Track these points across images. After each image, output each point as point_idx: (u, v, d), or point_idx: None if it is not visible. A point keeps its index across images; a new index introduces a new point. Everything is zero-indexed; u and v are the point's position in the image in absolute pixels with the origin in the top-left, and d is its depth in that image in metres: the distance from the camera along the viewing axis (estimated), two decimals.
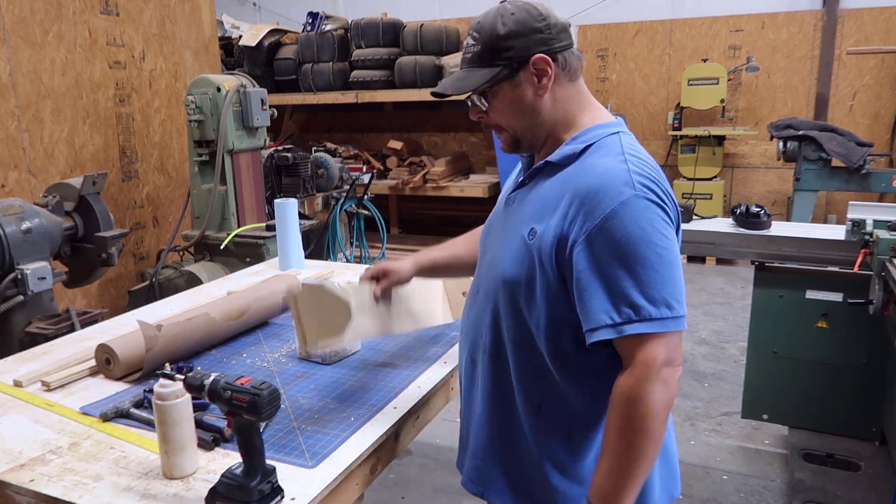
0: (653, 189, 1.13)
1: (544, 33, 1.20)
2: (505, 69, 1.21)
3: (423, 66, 6.13)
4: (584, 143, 1.22)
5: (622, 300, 1.10)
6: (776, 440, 3.30)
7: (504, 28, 1.20)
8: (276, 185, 4.30)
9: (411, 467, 3.14)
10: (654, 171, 1.17)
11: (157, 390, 1.23)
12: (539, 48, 1.20)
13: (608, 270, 1.11)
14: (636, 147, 1.22)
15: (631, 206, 1.11)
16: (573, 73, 1.25)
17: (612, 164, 1.16)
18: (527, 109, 1.24)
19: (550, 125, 1.26)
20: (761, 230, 3.04)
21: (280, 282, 2.21)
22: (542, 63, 1.20)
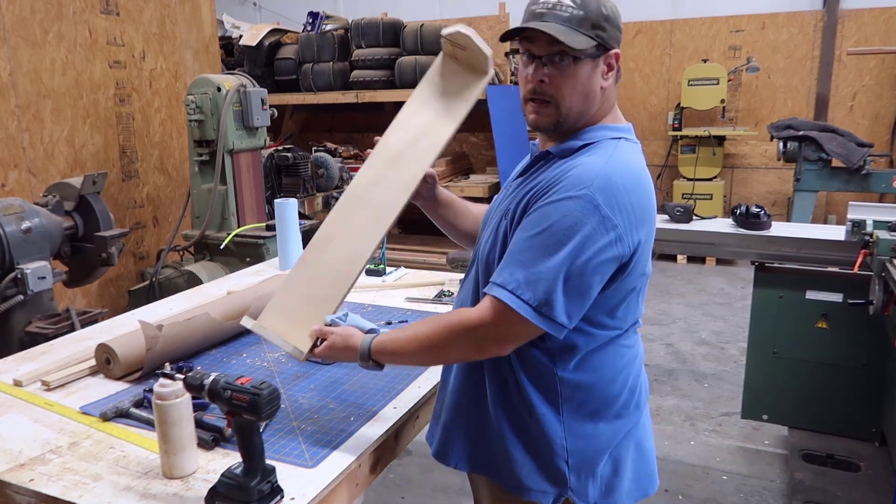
0: (608, 197, 1.16)
1: (621, 34, 1.29)
2: (598, 46, 1.24)
3: (423, 66, 6.13)
4: (585, 140, 1.27)
5: (509, 267, 1.19)
6: (776, 440, 3.30)
7: (606, 10, 1.24)
8: (276, 185, 4.30)
9: (411, 467, 3.14)
10: (628, 182, 1.19)
11: (157, 390, 1.23)
12: (617, 45, 1.28)
13: (520, 241, 1.20)
14: (628, 157, 1.25)
15: (574, 201, 1.16)
16: (619, 77, 1.34)
17: (593, 163, 1.21)
18: (587, 92, 1.27)
19: (591, 113, 1.30)
20: (761, 230, 3.04)
21: (280, 282, 2.21)
22: (615, 59, 1.28)
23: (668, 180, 7.14)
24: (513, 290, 1.17)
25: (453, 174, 6.78)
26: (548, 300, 1.15)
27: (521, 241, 1.20)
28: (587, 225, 1.14)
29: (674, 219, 3.22)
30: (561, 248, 1.15)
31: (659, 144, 7.39)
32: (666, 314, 5.22)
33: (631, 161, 1.24)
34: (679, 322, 5.06)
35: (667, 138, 7.14)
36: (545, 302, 1.16)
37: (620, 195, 1.17)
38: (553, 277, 1.15)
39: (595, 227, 1.15)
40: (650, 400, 1.54)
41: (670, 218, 3.23)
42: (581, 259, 1.15)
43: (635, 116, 7.43)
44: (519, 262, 1.18)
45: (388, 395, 1.59)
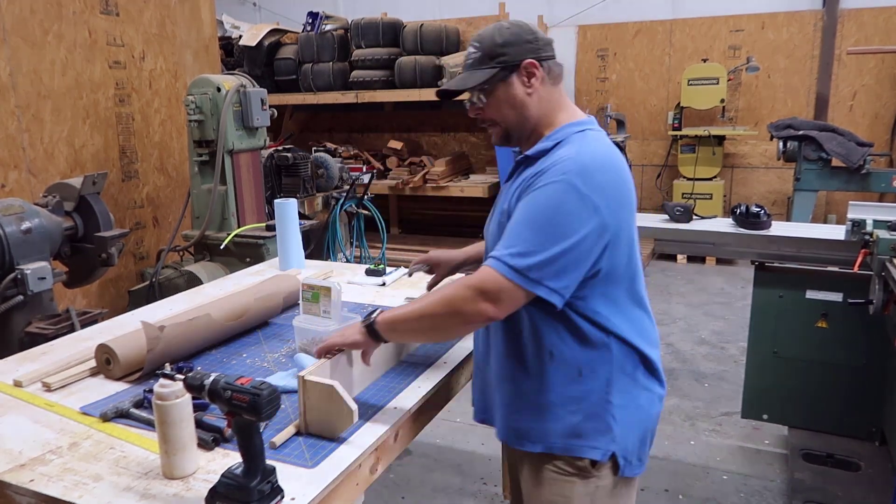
0: (584, 178, 1.32)
1: (533, 44, 1.46)
2: (501, 70, 1.45)
3: (423, 66, 6.13)
4: (556, 140, 1.44)
5: (503, 243, 1.35)
6: (776, 440, 3.30)
7: (501, 38, 1.45)
8: (276, 185, 4.30)
9: (411, 467, 3.14)
10: (599, 164, 1.36)
11: (157, 390, 1.23)
12: (529, 55, 1.45)
13: (513, 224, 1.36)
14: (596, 143, 1.42)
15: (556, 185, 1.33)
16: (555, 78, 1.50)
17: (567, 154, 1.38)
18: (517, 105, 1.47)
19: (535, 120, 1.49)
20: (761, 230, 3.04)
21: (280, 282, 2.22)
22: (531, 66, 1.45)
23: (668, 180, 7.14)
24: (506, 261, 1.31)
25: (453, 174, 6.78)
26: (538, 268, 1.30)
27: (513, 224, 1.36)
28: (568, 203, 1.32)
29: (674, 218, 3.22)
30: (548, 225, 1.32)
31: (659, 144, 7.39)
32: (666, 314, 5.22)
33: (599, 146, 1.41)
34: (679, 322, 5.06)
35: (667, 138, 7.14)
36: (536, 269, 1.30)
37: (594, 175, 1.34)
38: (542, 248, 1.30)
39: (575, 203, 1.31)
40: None
41: (670, 218, 3.23)
42: (567, 232, 1.31)
43: (635, 116, 7.43)
44: (512, 238, 1.34)
45: (389, 394, 1.59)
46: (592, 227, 1.32)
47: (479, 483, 3.01)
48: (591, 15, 7.47)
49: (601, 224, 1.33)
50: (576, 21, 7.53)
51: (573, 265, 1.33)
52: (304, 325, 1.77)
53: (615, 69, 7.50)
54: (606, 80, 7.54)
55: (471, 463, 3.19)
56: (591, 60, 7.57)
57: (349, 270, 2.71)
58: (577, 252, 1.32)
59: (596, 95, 7.55)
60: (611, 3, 7.39)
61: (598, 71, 7.56)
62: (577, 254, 1.32)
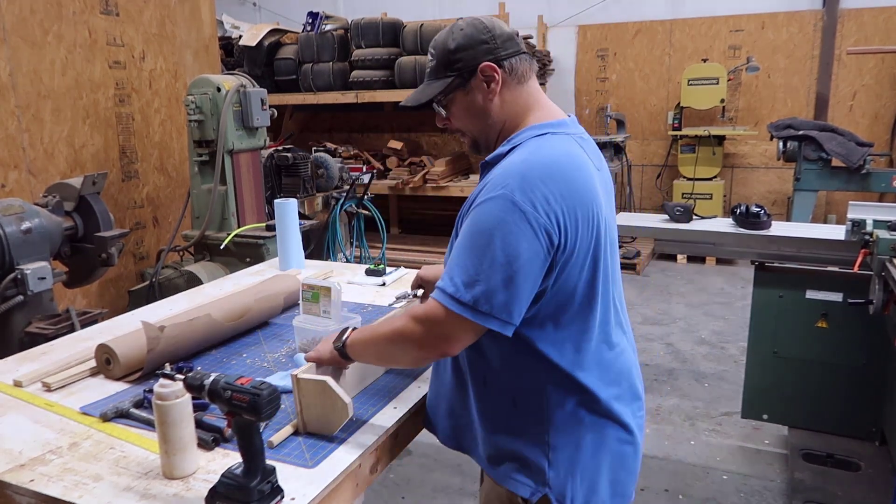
0: (525, 192, 1.19)
1: (489, 44, 1.33)
2: (457, 79, 1.36)
3: (423, 66, 6.11)
4: (513, 144, 1.32)
5: (449, 272, 1.24)
6: (776, 440, 3.30)
7: (454, 42, 1.35)
8: (276, 185, 4.30)
9: (411, 467, 3.14)
10: (545, 174, 1.21)
11: (157, 390, 1.23)
12: (486, 57, 1.33)
13: (457, 247, 1.26)
14: (550, 149, 1.28)
15: (493, 202, 1.21)
16: (520, 76, 1.37)
17: (512, 162, 1.26)
18: (479, 113, 1.38)
19: (500, 125, 1.38)
20: (761, 230, 3.04)
21: (280, 282, 2.22)
22: (489, 70, 1.33)
23: (668, 180, 7.14)
24: (452, 294, 1.21)
25: (453, 174, 6.78)
26: (486, 299, 1.19)
27: (458, 247, 1.25)
28: (508, 222, 1.19)
29: (674, 218, 3.22)
30: (489, 248, 1.19)
31: (659, 144, 7.39)
32: (666, 314, 5.22)
33: (550, 153, 1.27)
34: (679, 322, 5.06)
35: (667, 138, 7.14)
36: (484, 300, 1.20)
37: (537, 187, 1.20)
38: (487, 277, 1.19)
39: (515, 222, 1.18)
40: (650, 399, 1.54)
41: (670, 217, 3.23)
42: (510, 255, 1.19)
43: (635, 116, 7.43)
44: (456, 265, 1.23)
45: (388, 395, 1.59)
46: (538, 247, 1.19)
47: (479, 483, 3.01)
48: (590, 15, 7.48)
49: (547, 242, 1.20)
50: (576, 21, 7.54)
51: (522, 292, 1.21)
52: (304, 325, 1.77)
53: (615, 69, 7.50)
54: (606, 80, 7.54)
55: (471, 463, 3.16)
56: (591, 60, 7.57)
57: (349, 270, 2.71)
58: (523, 277, 1.19)
59: (596, 95, 7.55)
60: (611, 3, 7.39)
61: (598, 71, 7.56)
62: (524, 279, 1.20)
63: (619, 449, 1.38)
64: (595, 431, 1.34)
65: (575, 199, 1.23)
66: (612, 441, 1.36)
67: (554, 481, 1.32)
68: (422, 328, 1.26)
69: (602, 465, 1.36)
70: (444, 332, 1.25)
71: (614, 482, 1.39)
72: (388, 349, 1.36)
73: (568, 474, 1.32)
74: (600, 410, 1.34)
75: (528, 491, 1.33)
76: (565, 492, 1.32)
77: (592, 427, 1.34)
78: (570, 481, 1.33)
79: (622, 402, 1.37)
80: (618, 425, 1.36)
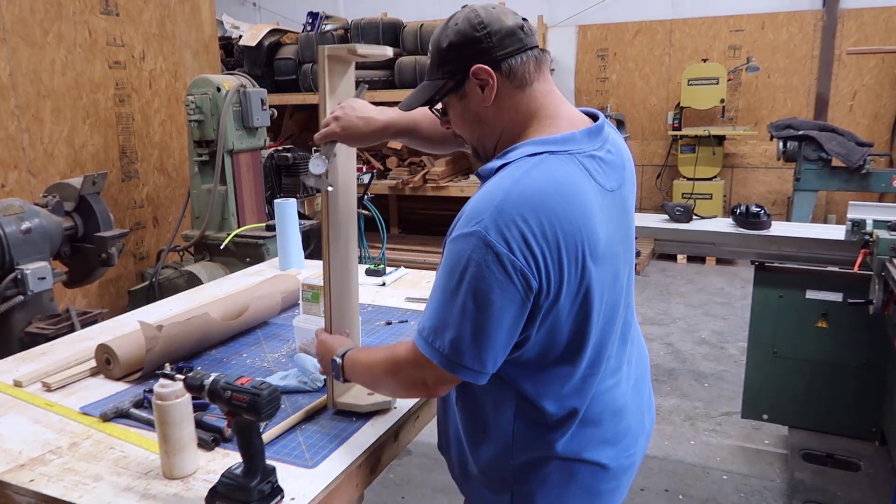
0: (502, 230, 1.04)
1: (484, 43, 1.16)
2: (450, 81, 1.21)
3: (423, 66, 6.13)
4: (504, 161, 1.16)
5: (426, 312, 1.15)
6: (776, 440, 3.30)
7: (446, 40, 1.19)
8: (276, 185, 4.30)
9: (411, 467, 3.14)
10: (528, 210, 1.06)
11: (157, 390, 1.23)
12: (479, 58, 1.16)
13: (434, 282, 1.15)
14: (542, 175, 1.10)
15: (465, 239, 1.07)
16: (522, 80, 1.18)
17: (493, 191, 1.09)
18: (474, 120, 1.23)
19: (497, 135, 1.23)
20: (761, 230, 3.04)
21: (280, 282, 2.22)
22: (482, 73, 1.17)
23: (668, 180, 7.14)
24: (426, 338, 1.13)
25: (453, 174, 6.77)
26: (455, 348, 1.10)
27: (435, 283, 1.14)
28: (479, 264, 1.05)
29: (674, 218, 3.22)
30: (458, 292, 1.08)
31: (659, 144, 7.39)
32: (666, 314, 5.22)
33: (541, 182, 1.09)
34: (679, 322, 5.06)
35: (666, 138, 7.14)
36: (453, 349, 1.10)
37: (515, 225, 1.04)
38: (456, 324, 1.09)
39: (487, 264, 1.05)
40: None
41: (670, 218, 3.23)
42: (479, 301, 1.06)
43: (635, 116, 7.43)
44: (431, 306, 1.14)
45: None
46: (513, 294, 1.06)
47: None
48: (591, 15, 7.47)
49: (524, 287, 1.06)
50: (576, 21, 7.53)
51: (496, 341, 1.10)
52: (304, 325, 1.77)
53: (615, 69, 7.50)
54: (606, 80, 7.54)
55: None
56: (591, 60, 7.57)
57: None
58: (496, 326, 1.08)
59: (596, 95, 7.55)
60: (611, 3, 7.39)
61: (598, 71, 7.56)
62: (497, 328, 1.08)
63: (595, 487, 1.28)
64: (564, 470, 1.25)
65: (559, 239, 1.07)
66: (585, 479, 1.26)
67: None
68: (407, 369, 1.20)
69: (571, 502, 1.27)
70: (422, 378, 1.18)
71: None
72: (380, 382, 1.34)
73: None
74: (571, 452, 1.23)
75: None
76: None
77: (561, 465, 1.24)
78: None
79: (605, 444, 1.26)
80: (594, 466, 1.26)
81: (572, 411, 1.22)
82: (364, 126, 1.45)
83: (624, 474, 1.32)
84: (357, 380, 1.38)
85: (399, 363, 1.22)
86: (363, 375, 1.35)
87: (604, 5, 7.40)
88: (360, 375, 1.36)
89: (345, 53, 1.37)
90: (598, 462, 1.26)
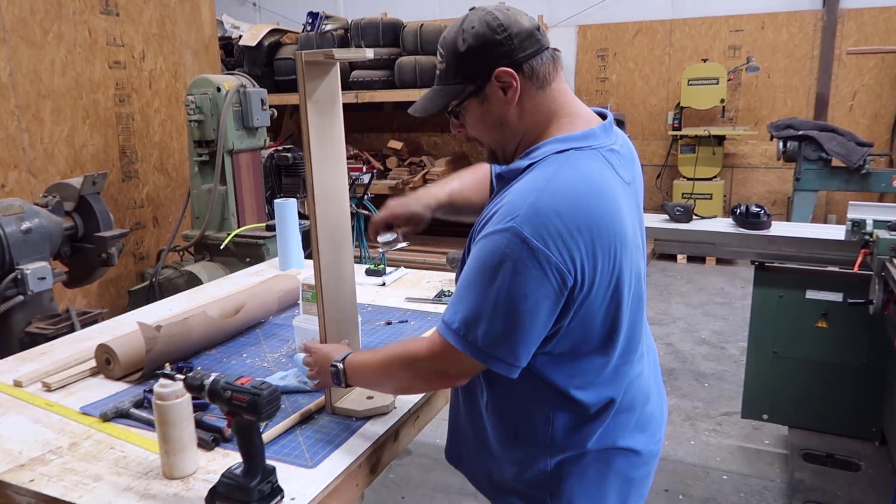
0: (537, 227, 1.07)
1: (505, 45, 1.16)
2: (470, 86, 1.20)
3: (423, 66, 6.13)
4: (531, 159, 1.18)
5: (455, 305, 1.16)
6: (776, 440, 3.30)
7: (464, 44, 1.17)
8: (276, 185, 4.30)
9: (411, 467, 3.14)
10: (562, 206, 1.08)
11: (157, 390, 1.23)
12: (501, 61, 1.16)
13: (463, 278, 1.16)
14: (572, 171, 1.13)
15: (500, 235, 1.09)
16: (542, 80, 1.20)
17: (527, 189, 1.11)
18: (496, 123, 1.23)
19: (519, 136, 1.24)
20: (761, 230, 3.04)
21: (279, 281, 2.22)
22: (505, 76, 1.17)
23: (668, 180, 7.14)
24: (456, 330, 1.14)
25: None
26: (489, 341, 1.12)
27: (464, 277, 1.15)
28: (515, 259, 1.07)
29: (674, 218, 3.22)
30: (492, 286, 1.09)
31: (659, 144, 7.39)
32: (666, 314, 5.22)
33: (572, 179, 1.12)
34: (679, 322, 5.06)
35: (666, 138, 7.14)
36: (487, 342, 1.12)
37: (551, 221, 1.07)
38: (490, 317, 1.10)
39: (524, 260, 1.07)
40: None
41: (670, 218, 3.23)
42: (514, 296, 1.08)
43: (635, 116, 7.43)
44: (461, 298, 1.15)
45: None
46: (548, 289, 1.08)
47: None
48: (591, 15, 7.47)
49: (559, 283, 1.08)
50: (576, 21, 7.53)
51: (529, 335, 1.12)
52: (304, 325, 1.77)
53: (615, 69, 7.50)
54: (606, 80, 7.54)
55: None
56: (591, 60, 7.57)
57: None
58: (530, 320, 1.10)
59: (596, 95, 7.55)
60: (611, 3, 7.39)
61: (598, 71, 7.56)
62: (531, 322, 1.10)
63: (629, 474, 1.31)
64: (601, 461, 1.27)
65: (594, 233, 1.09)
66: (620, 467, 1.30)
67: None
68: (425, 362, 1.21)
69: (609, 493, 1.30)
70: (445, 368, 1.20)
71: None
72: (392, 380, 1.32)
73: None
74: (608, 442, 1.26)
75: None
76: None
77: (598, 457, 1.27)
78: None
79: (637, 430, 1.30)
80: (628, 453, 1.29)
81: (609, 401, 1.24)
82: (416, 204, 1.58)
83: (653, 459, 1.36)
84: (361, 381, 1.37)
85: (419, 356, 1.22)
86: (370, 375, 1.34)
87: (604, 5, 7.40)
88: (366, 376, 1.34)
89: (322, 59, 1.37)
90: (632, 448, 1.29)
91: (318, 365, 1.42)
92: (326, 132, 1.43)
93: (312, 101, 1.38)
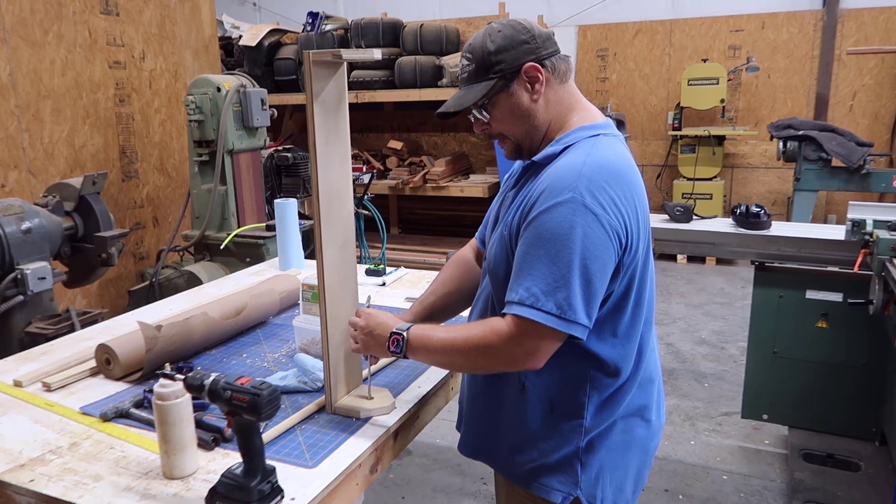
0: (595, 195, 1.19)
1: (531, 44, 1.31)
2: (500, 81, 1.31)
3: (423, 66, 6.13)
4: (565, 144, 1.31)
5: (522, 283, 1.21)
6: (776, 440, 3.30)
7: (493, 45, 1.31)
8: (276, 185, 4.30)
9: (411, 467, 3.14)
10: (609, 177, 1.22)
11: (157, 390, 1.23)
12: (528, 57, 1.30)
13: (526, 256, 1.22)
14: (607, 150, 1.28)
15: (564, 206, 1.19)
16: (562, 76, 1.35)
17: (572, 164, 1.24)
18: (524, 115, 1.34)
19: (545, 126, 1.35)
20: (761, 230, 3.04)
21: (279, 281, 2.22)
22: (532, 70, 1.30)
23: (668, 180, 7.14)
24: (533, 305, 1.19)
25: (453, 174, 6.77)
26: (569, 305, 1.18)
27: (527, 255, 1.22)
28: (582, 225, 1.18)
29: (674, 218, 3.22)
30: (565, 253, 1.18)
31: (659, 144, 7.39)
32: (666, 314, 5.22)
33: (609, 155, 1.27)
34: (679, 322, 5.06)
35: (667, 138, 7.14)
36: (567, 308, 1.18)
37: (604, 190, 1.20)
38: (567, 283, 1.18)
39: (589, 225, 1.18)
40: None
41: (670, 218, 3.23)
42: (587, 258, 1.18)
43: (635, 116, 7.43)
44: (531, 275, 1.20)
45: None
46: (610, 250, 1.20)
47: (479, 483, 3.01)
48: (591, 15, 7.47)
49: (617, 244, 1.22)
50: (576, 21, 7.53)
51: (597, 295, 1.21)
52: (304, 325, 1.77)
53: (615, 69, 7.50)
54: (606, 80, 7.54)
55: (471, 463, 3.17)
56: (591, 60, 7.57)
57: None
58: (599, 280, 1.20)
59: (596, 95, 7.55)
60: (611, 3, 7.39)
61: (598, 71, 7.56)
62: (601, 281, 1.21)
63: (646, 445, 1.43)
64: (625, 431, 1.37)
65: (635, 201, 1.25)
66: (639, 438, 1.40)
67: (585, 484, 1.33)
68: (507, 344, 1.23)
69: (630, 465, 1.40)
70: (529, 347, 1.22)
71: (638, 479, 1.44)
72: (464, 361, 1.33)
73: (599, 476, 1.34)
74: (633, 408, 1.37)
75: (560, 496, 1.33)
76: (595, 493, 1.34)
77: (623, 426, 1.36)
78: (600, 483, 1.35)
79: (652, 402, 1.43)
80: (644, 422, 1.41)
81: (636, 368, 1.36)
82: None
83: (659, 432, 1.49)
84: (426, 357, 1.37)
85: (496, 344, 1.23)
86: (439, 353, 1.34)
87: (604, 5, 7.40)
88: (434, 353, 1.34)
89: (329, 59, 1.37)
90: (649, 418, 1.42)
91: (371, 329, 1.40)
92: (332, 132, 1.43)
93: (319, 101, 1.38)
